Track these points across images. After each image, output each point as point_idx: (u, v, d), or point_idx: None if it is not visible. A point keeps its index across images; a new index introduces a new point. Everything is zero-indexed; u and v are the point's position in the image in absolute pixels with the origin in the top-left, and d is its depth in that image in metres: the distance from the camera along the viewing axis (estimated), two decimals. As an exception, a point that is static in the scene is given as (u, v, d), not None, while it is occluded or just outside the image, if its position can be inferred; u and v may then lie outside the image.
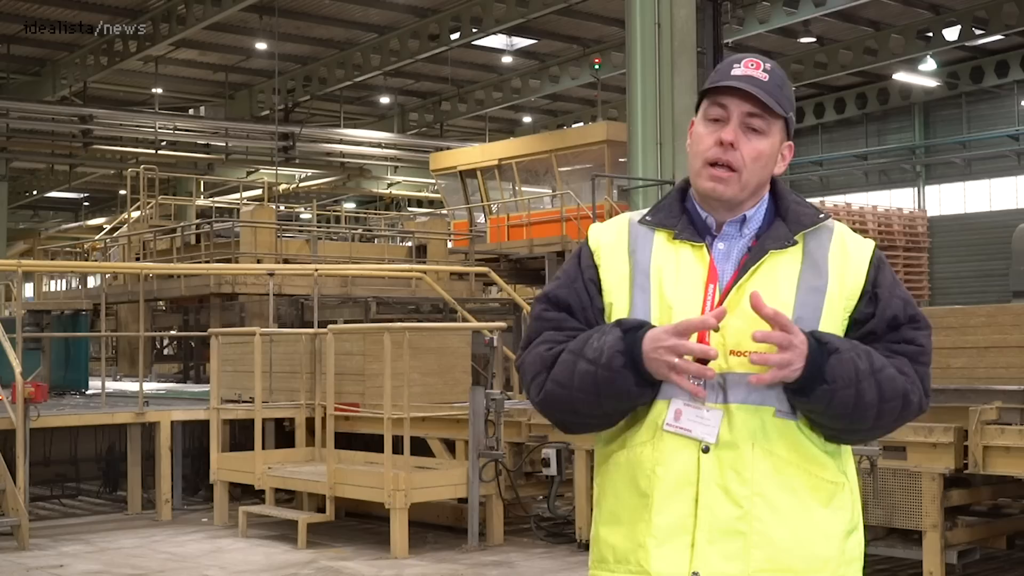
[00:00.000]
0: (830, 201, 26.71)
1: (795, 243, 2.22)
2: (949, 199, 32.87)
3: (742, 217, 2.25)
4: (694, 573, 2.11)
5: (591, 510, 8.62)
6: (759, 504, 2.12)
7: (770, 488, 2.13)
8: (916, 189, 33.46)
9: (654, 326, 2.14)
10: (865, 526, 6.95)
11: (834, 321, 2.20)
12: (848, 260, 2.24)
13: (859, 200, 28.82)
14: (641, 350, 2.11)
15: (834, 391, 2.09)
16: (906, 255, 23.62)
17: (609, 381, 2.13)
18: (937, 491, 7.08)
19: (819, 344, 2.10)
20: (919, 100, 31.97)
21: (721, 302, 2.17)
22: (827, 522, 2.18)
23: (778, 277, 2.19)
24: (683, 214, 2.28)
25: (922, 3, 25.00)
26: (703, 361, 2.10)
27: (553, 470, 9.37)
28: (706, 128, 2.25)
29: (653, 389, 2.16)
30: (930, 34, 25.76)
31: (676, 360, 2.08)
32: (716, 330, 2.11)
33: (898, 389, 2.16)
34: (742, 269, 2.20)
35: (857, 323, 2.23)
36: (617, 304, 2.25)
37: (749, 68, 2.23)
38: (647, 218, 2.31)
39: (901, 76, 29.20)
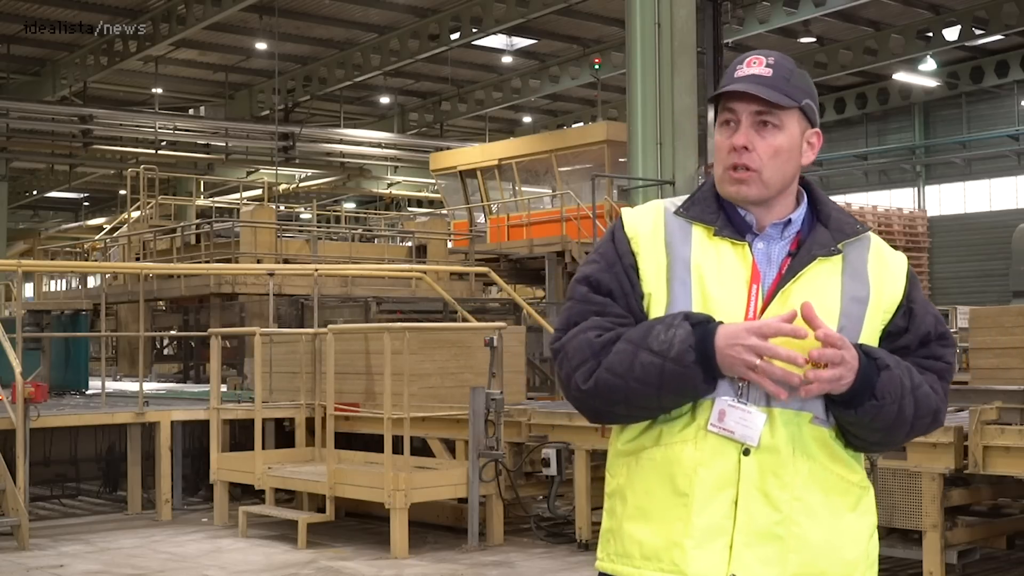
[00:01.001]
0: (830, 201, 26.67)
1: (839, 251, 2.22)
2: (949, 199, 32.87)
3: (787, 220, 2.25)
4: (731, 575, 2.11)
5: (591, 510, 8.56)
6: (798, 509, 2.14)
7: (808, 493, 2.15)
8: (916, 189, 33.46)
9: (722, 322, 2.12)
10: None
11: (873, 332, 2.23)
12: (887, 272, 2.26)
13: (859, 200, 28.85)
14: (714, 346, 2.09)
15: (882, 406, 2.14)
16: (906, 255, 23.62)
17: (678, 375, 2.10)
18: (937, 491, 7.08)
19: (868, 359, 2.13)
20: (919, 100, 31.97)
21: (766, 304, 2.17)
22: (854, 526, 2.21)
23: (822, 285, 2.20)
24: (720, 211, 2.26)
25: (922, 3, 25.00)
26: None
27: (553, 470, 9.37)
28: (721, 135, 2.25)
29: (715, 386, 2.15)
30: (930, 34, 25.76)
31: (758, 361, 2.06)
32: (802, 337, 2.08)
33: (932, 406, 2.22)
34: (786, 273, 2.20)
35: (891, 335, 2.26)
36: (656, 295, 2.22)
37: (752, 67, 2.22)
38: (683, 210, 2.28)
39: (901, 76, 29.20)
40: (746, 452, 2.13)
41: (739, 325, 2.09)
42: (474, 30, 24.41)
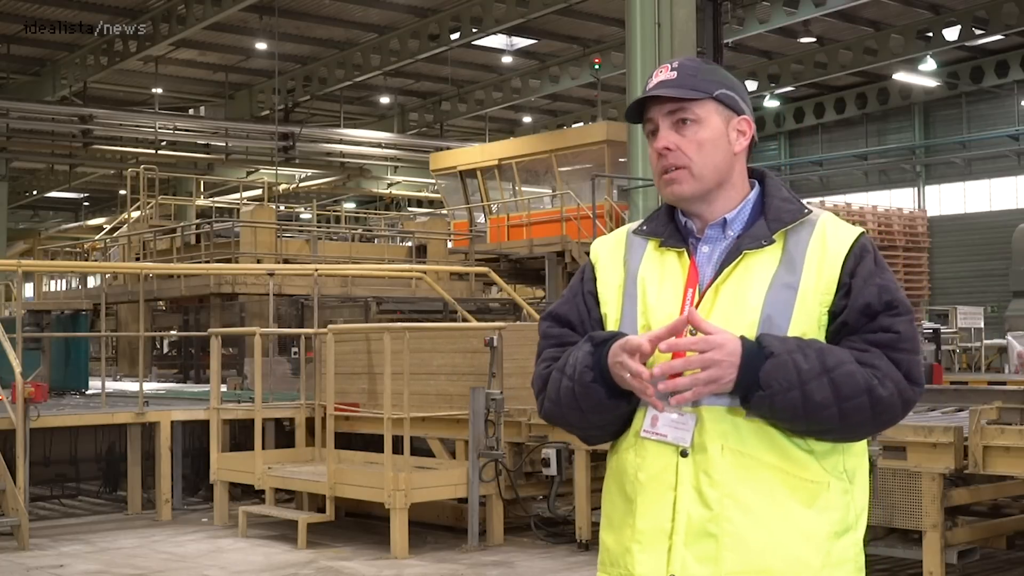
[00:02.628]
0: (830, 201, 26.71)
1: (773, 242, 2.20)
2: (949, 199, 32.87)
3: (723, 220, 2.26)
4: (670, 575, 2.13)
5: (591, 510, 8.62)
6: (729, 506, 2.11)
7: (741, 490, 2.12)
8: (916, 189, 33.47)
9: (624, 335, 2.18)
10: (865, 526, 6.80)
11: (808, 318, 2.16)
12: (826, 252, 2.19)
13: (859, 200, 28.83)
14: (608, 363, 2.15)
15: (772, 396, 2.07)
16: (906, 255, 23.61)
17: (584, 396, 2.19)
18: (937, 491, 7.08)
19: (758, 349, 2.08)
20: (919, 100, 31.98)
21: (698, 304, 2.18)
22: (809, 523, 2.13)
23: (752, 277, 2.18)
24: (671, 222, 2.31)
25: (922, 3, 25.00)
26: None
27: (553, 470, 9.37)
28: (650, 146, 2.29)
29: (629, 399, 2.19)
30: (930, 34, 25.77)
31: (627, 375, 2.11)
32: (649, 353, 2.10)
33: (858, 386, 2.08)
34: (718, 271, 2.21)
35: (834, 316, 2.18)
36: (611, 314, 2.30)
37: (657, 76, 2.27)
38: (642, 228, 2.35)
39: (901, 76, 29.19)
40: (684, 454, 2.15)
41: (618, 341, 2.14)
42: (474, 30, 24.41)
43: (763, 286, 2.17)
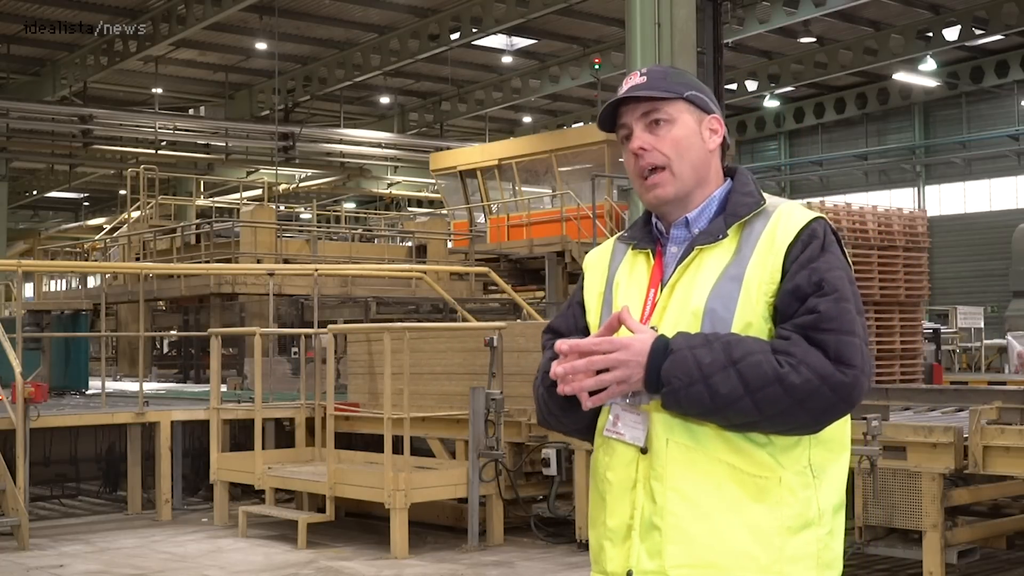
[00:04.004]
0: (830, 201, 26.64)
1: (727, 235, 2.20)
2: (949, 199, 32.88)
3: (685, 219, 2.27)
4: (628, 572, 2.17)
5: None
6: (673, 499, 2.13)
7: (684, 484, 2.12)
8: (916, 189, 33.48)
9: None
10: (865, 526, 6.89)
11: (752, 310, 2.13)
12: (774, 242, 2.16)
13: (859, 200, 28.81)
14: None
15: (675, 391, 2.06)
16: (906, 255, 23.57)
17: (547, 400, 2.30)
18: (937, 491, 7.08)
19: (665, 347, 2.09)
20: (919, 100, 31.98)
21: (655, 303, 2.23)
22: (758, 518, 2.10)
23: (703, 272, 2.19)
24: (647, 226, 2.35)
25: (922, 3, 25.00)
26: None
27: (553, 470, 9.37)
28: (625, 150, 2.30)
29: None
30: (930, 34, 25.76)
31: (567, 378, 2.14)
32: (567, 354, 2.11)
33: (766, 375, 2.03)
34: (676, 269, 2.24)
35: (776, 306, 2.15)
36: (593, 321, 2.35)
37: (628, 82, 2.29)
38: (624, 234, 2.39)
39: (901, 76, 29.20)
40: (644, 451, 2.18)
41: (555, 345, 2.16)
42: (474, 30, 24.41)
43: (711, 280, 2.17)
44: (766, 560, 2.10)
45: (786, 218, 2.19)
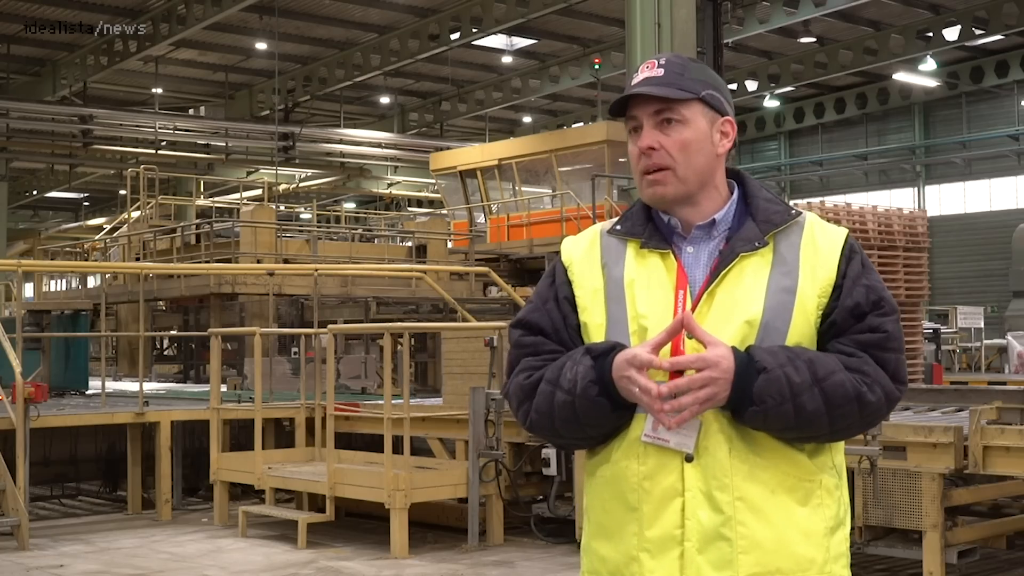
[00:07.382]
0: (830, 201, 26.62)
1: (766, 244, 2.19)
2: (949, 199, 32.89)
3: (711, 221, 2.23)
4: None
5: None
6: (741, 508, 2.12)
7: (750, 492, 2.13)
8: (916, 189, 33.48)
9: (624, 347, 2.14)
10: (865, 526, 6.90)
11: (806, 321, 2.16)
12: (818, 255, 2.19)
13: (859, 200, 28.80)
14: (612, 376, 2.12)
15: (765, 411, 2.07)
16: (906, 255, 23.55)
17: (588, 409, 2.15)
18: (937, 491, 7.08)
19: (749, 364, 2.08)
20: (919, 100, 31.99)
21: (693, 309, 2.16)
22: (807, 521, 2.15)
23: (749, 281, 2.16)
24: (649, 222, 2.27)
25: (922, 3, 25.00)
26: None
27: (553, 470, 9.37)
28: (632, 143, 2.26)
29: (634, 409, 2.17)
30: (930, 34, 25.77)
31: (636, 390, 2.09)
32: (658, 367, 2.08)
33: (848, 394, 2.11)
34: (713, 274, 2.18)
35: (826, 317, 2.18)
36: (594, 320, 2.24)
37: (644, 72, 2.23)
38: (617, 228, 2.30)
39: (901, 76, 29.21)
40: (689, 459, 2.13)
41: (624, 354, 2.10)
42: (474, 30, 24.41)
43: (760, 290, 2.16)
44: (821, 561, 2.16)
45: (822, 231, 2.23)
